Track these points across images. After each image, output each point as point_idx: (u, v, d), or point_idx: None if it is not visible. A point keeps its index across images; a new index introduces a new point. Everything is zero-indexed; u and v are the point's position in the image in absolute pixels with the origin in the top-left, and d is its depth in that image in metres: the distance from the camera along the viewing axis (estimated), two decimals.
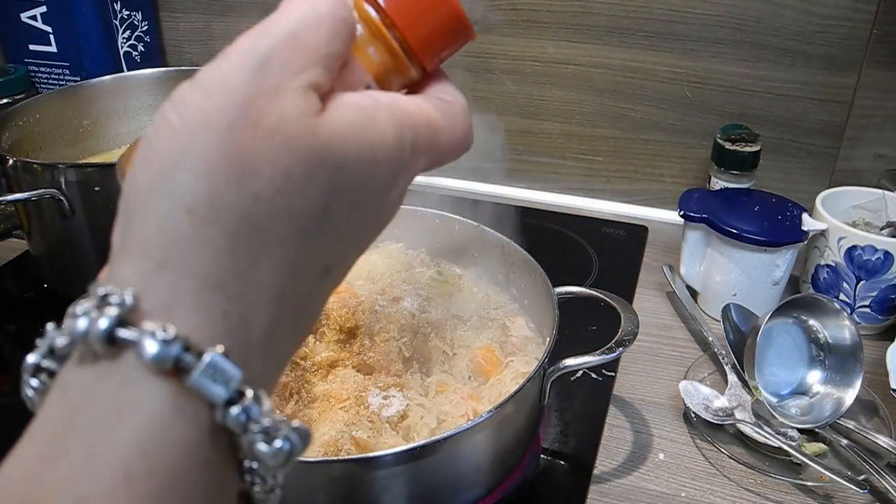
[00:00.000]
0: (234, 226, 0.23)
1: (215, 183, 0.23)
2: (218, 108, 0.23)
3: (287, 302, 0.25)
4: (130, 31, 1.11)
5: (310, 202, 0.24)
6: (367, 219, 0.27)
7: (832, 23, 0.86)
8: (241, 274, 0.23)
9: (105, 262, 0.28)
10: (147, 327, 0.22)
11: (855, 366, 0.65)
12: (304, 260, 0.25)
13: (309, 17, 0.25)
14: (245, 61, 0.24)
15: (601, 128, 1.01)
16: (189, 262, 0.23)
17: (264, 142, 0.23)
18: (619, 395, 0.70)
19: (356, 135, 0.25)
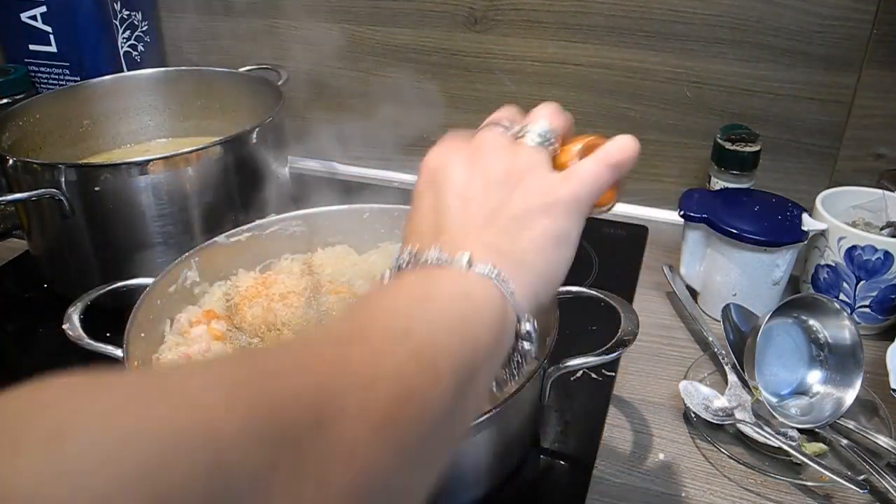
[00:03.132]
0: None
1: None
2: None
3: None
4: (130, 31, 1.11)
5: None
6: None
7: (832, 23, 0.86)
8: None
9: (104, 263, 0.34)
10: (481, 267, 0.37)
11: (855, 366, 0.65)
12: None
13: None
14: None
15: (601, 128, 1.00)
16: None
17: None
18: (619, 395, 0.70)
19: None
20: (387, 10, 1.04)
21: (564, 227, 0.40)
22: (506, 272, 0.37)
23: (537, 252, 0.39)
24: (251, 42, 1.13)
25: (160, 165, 0.76)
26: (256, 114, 0.95)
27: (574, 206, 0.41)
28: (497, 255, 0.38)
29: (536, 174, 0.41)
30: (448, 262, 0.37)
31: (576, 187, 0.41)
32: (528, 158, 0.42)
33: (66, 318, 0.61)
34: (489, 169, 0.41)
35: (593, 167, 0.42)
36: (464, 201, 0.40)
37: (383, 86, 1.09)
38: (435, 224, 0.40)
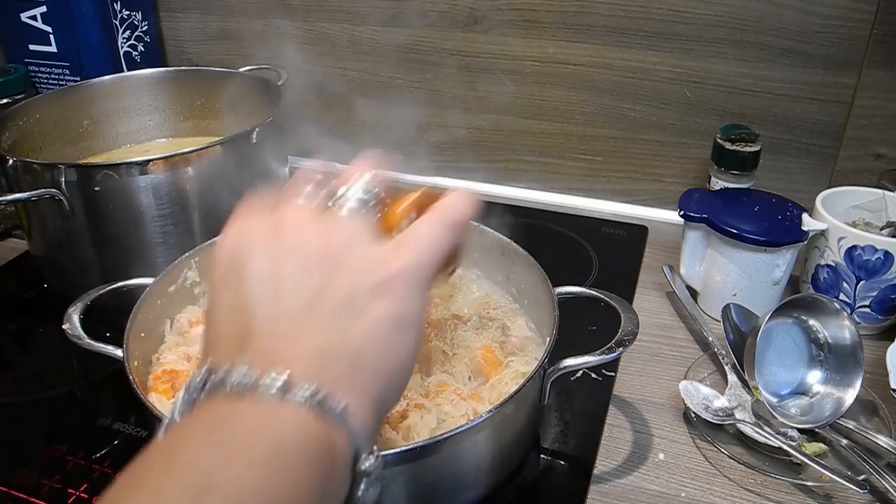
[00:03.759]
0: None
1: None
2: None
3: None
4: (130, 31, 1.11)
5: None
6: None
7: (832, 23, 0.86)
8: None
9: (104, 263, 0.32)
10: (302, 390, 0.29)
11: (855, 366, 0.65)
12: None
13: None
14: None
15: (601, 128, 1.01)
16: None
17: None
18: (619, 395, 0.70)
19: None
20: (387, 10, 1.04)
21: (404, 306, 0.33)
22: (336, 386, 0.30)
23: (374, 344, 0.32)
24: (251, 42, 1.13)
25: (160, 165, 0.76)
26: (256, 114, 0.95)
27: (414, 280, 0.34)
28: (322, 362, 0.30)
29: (360, 248, 0.34)
30: (257, 386, 0.29)
31: (413, 256, 0.34)
32: (346, 230, 0.35)
33: (66, 318, 0.61)
34: (300, 248, 0.34)
35: (431, 229, 0.35)
36: (273, 293, 0.32)
37: (383, 86, 1.09)
38: (240, 327, 0.32)
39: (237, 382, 0.29)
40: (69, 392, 0.72)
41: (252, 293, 0.33)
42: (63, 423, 0.68)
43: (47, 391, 0.72)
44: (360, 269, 0.33)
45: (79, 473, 0.61)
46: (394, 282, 0.33)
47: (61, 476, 0.61)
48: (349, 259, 0.33)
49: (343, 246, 0.34)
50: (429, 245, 0.35)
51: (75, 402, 0.71)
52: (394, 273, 0.33)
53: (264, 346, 0.31)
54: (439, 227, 0.36)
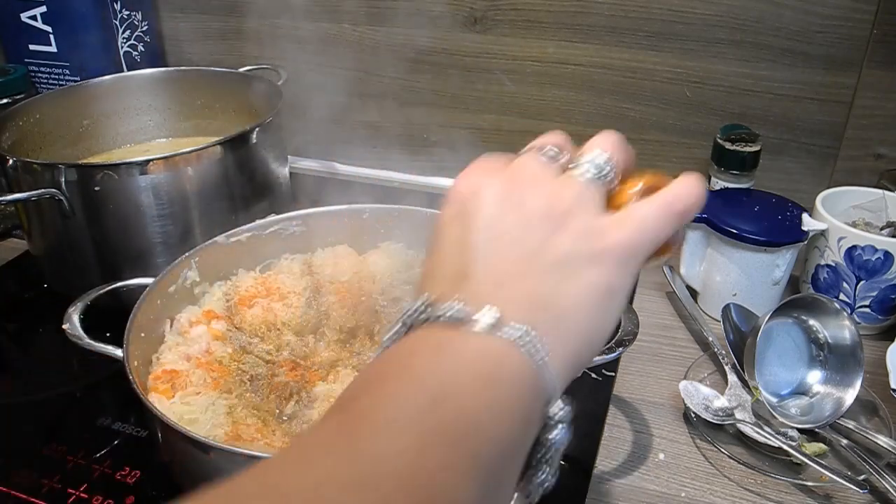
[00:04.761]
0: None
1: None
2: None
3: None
4: (130, 31, 1.11)
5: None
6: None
7: (832, 23, 0.86)
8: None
9: (104, 263, 0.33)
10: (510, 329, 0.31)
11: (855, 366, 0.65)
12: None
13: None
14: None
15: (601, 128, 1.00)
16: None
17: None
18: (619, 395, 0.70)
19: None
20: (387, 10, 1.04)
21: (615, 280, 0.34)
22: (542, 333, 0.31)
23: (581, 308, 0.33)
24: (251, 42, 1.13)
25: (160, 165, 0.76)
26: (256, 114, 0.95)
27: (628, 257, 0.34)
28: (533, 309, 0.32)
29: (586, 213, 0.35)
30: (471, 321, 0.31)
31: (633, 234, 0.34)
32: (577, 193, 0.35)
33: (66, 318, 0.61)
34: (529, 202, 0.35)
35: (655, 212, 0.35)
36: (496, 239, 0.34)
37: (383, 86, 1.09)
38: (459, 266, 0.34)
39: (452, 315, 0.31)
40: (69, 392, 0.72)
41: (476, 237, 0.34)
42: (63, 423, 0.68)
43: (47, 391, 0.72)
44: (580, 235, 0.34)
45: (79, 473, 0.61)
46: (609, 253, 0.34)
47: (61, 476, 0.61)
48: (573, 222, 0.34)
49: (570, 209, 0.35)
50: (648, 226, 0.35)
51: (75, 402, 0.71)
52: (611, 245, 0.34)
53: (479, 287, 0.32)
54: (662, 212, 0.35)
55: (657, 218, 0.35)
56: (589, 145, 0.39)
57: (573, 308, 0.33)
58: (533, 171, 0.37)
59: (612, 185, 0.37)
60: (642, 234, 0.35)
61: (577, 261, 0.33)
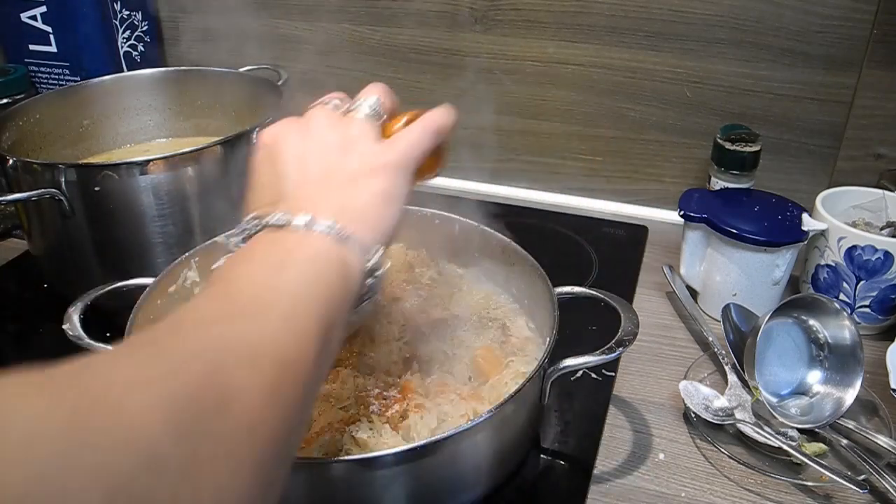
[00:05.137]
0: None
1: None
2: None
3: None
4: (130, 31, 1.11)
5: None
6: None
7: (832, 23, 0.86)
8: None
9: (104, 263, 0.39)
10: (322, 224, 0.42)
11: (855, 366, 0.65)
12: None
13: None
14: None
15: (601, 128, 1.01)
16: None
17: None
18: (619, 395, 0.70)
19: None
20: (387, 10, 1.04)
21: (393, 186, 0.45)
22: (347, 225, 0.42)
23: (370, 207, 0.44)
24: (251, 42, 1.13)
25: (160, 165, 0.76)
26: (256, 114, 0.95)
27: (401, 168, 0.46)
28: (336, 210, 0.42)
29: (366, 141, 0.46)
30: (292, 224, 0.41)
31: (401, 150, 0.46)
32: (358, 128, 0.47)
33: (66, 318, 0.61)
34: (323, 138, 0.46)
35: (415, 133, 0.48)
36: (301, 167, 0.45)
37: None
38: (276, 191, 0.44)
39: (276, 221, 0.41)
40: None
41: (284, 168, 0.45)
42: None
43: None
44: (364, 156, 0.45)
45: None
46: (387, 167, 0.45)
47: None
48: (357, 148, 0.46)
49: (354, 138, 0.46)
50: (414, 143, 0.47)
51: None
52: (387, 161, 0.46)
53: (294, 202, 0.43)
54: (422, 132, 0.48)
55: (420, 135, 0.47)
56: (363, 93, 0.50)
57: (364, 207, 0.44)
58: (322, 117, 0.48)
59: (382, 119, 0.49)
60: (410, 149, 0.47)
61: (363, 174, 0.45)
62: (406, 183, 0.46)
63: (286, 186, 0.44)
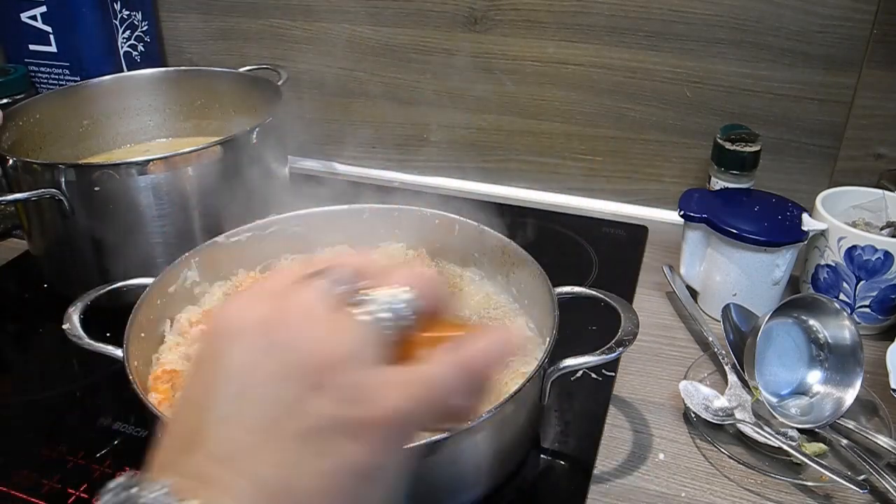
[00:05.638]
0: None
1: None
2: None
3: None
4: (130, 31, 1.11)
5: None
6: None
7: (832, 23, 0.86)
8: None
9: (104, 263, 0.31)
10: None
11: (855, 366, 0.65)
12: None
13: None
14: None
15: (601, 128, 1.01)
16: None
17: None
18: (619, 395, 0.70)
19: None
20: (387, 10, 1.04)
21: (377, 459, 0.28)
22: None
23: (325, 493, 0.27)
24: (251, 42, 1.13)
25: (160, 165, 0.76)
26: (256, 114, 0.95)
27: (400, 430, 0.28)
28: (264, 496, 0.26)
29: (357, 369, 0.28)
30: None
31: (409, 401, 0.28)
32: (352, 339, 0.29)
33: (66, 318, 0.61)
34: (290, 349, 0.28)
35: (446, 373, 0.29)
36: (240, 396, 0.28)
37: (383, 86, 1.09)
38: (194, 429, 0.28)
39: (151, 501, 0.26)
40: (69, 392, 0.72)
41: (218, 391, 0.28)
42: (63, 423, 0.68)
43: (47, 391, 0.72)
44: (342, 396, 0.27)
45: (79, 473, 0.61)
46: (375, 428, 0.27)
47: (61, 476, 0.61)
48: (338, 379, 0.28)
49: (338, 359, 0.28)
50: (435, 392, 0.29)
51: (75, 402, 0.71)
52: (379, 416, 0.27)
53: (205, 462, 0.27)
54: (457, 374, 0.29)
55: (447, 380, 0.29)
56: (398, 275, 0.31)
57: (317, 494, 0.27)
58: (305, 306, 0.29)
59: (404, 330, 0.30)
60: (423, 401, 0.28)
61: (330, 431, 0.27)
62: (401, 453, 0.29)
63: (208, 427, 0.28)
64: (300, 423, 0.27)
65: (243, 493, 0.26)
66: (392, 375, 0.28)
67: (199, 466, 0.27)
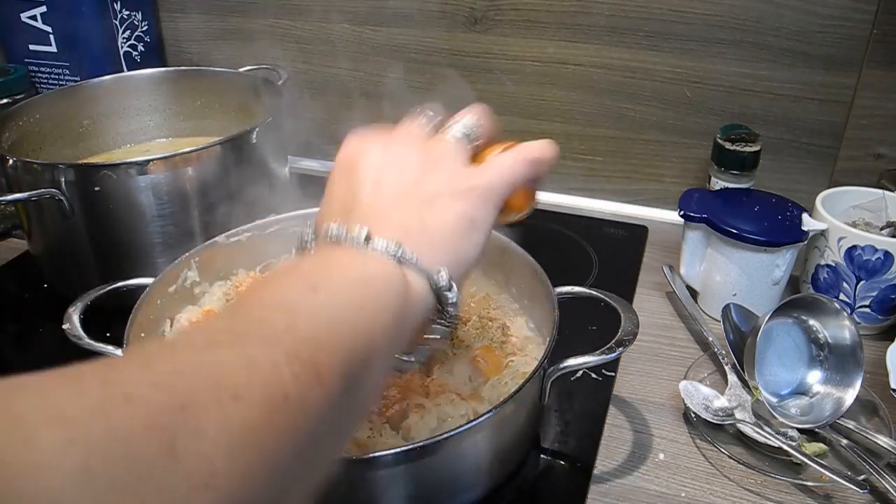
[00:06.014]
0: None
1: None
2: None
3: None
4: (130, 31, 1.11)
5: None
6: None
7: (832, 23, 0.86)
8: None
9: (104, 263, 0.35)
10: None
11: (855, 366, 0.65)
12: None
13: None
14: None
15: (601, 128, 1.01)
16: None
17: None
18: (619, 395, 0.70)
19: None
20: (387, 10, 1.04)
21: (477, 212, 0.41)
22: (411, 247, 0.37)
23: (448, 232, 0.40)
24: (251, 42, 1.13)
25: (160, 165, 0.76)
26: (256, 114, 0.95)
27: (488, 195, 0.41)
28: (403, 231, 0.38)
29: (452, 163, 0.42)
30: (346, 238, 0.37)
31: (491, 176, 0.42)
32: (445, 149, 0.43)
33: (66, 318, 0.61)
34: (405, 155, 0.42)
35: (510, 160, 0.43)
36: (376, 183, 0.41)
37: (383, 86, 1.09)
38: (345, 205, 0.41)
39: (332, 234, 0.38)
40: None
41: (360, 182, 0.41)
42: None
43: None
44: (449, 177, 0.41)
45: None
46: (473, 192, 0.41)
47: None
48: (441, 168, 0.41)
49: (440, 159, 0.42)
50: (506, 171, 0.42)
51: None
52: (474, 185, 0.41)
53: (358, 216, 0.39)
54: (517, 160, 0.43)
55: (514, 164, 0.43)
56: (462, 112, 0.46)
57: (440, 231, 0.39)
58: (409, 133, 0.44)
59: (477, 144, 0.44)
60: (501, 176, 0.42)
61: (444, 196, 0.40)
62: (493, 211, 0.42)
63: (357, 201, 0.40)
64: (422, 193, 0.40)
65: (390, 226, 0.38)
66: (478, 166, 0.43)
67: (357, 218, 0.39)
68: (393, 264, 0.37)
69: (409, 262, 0.37)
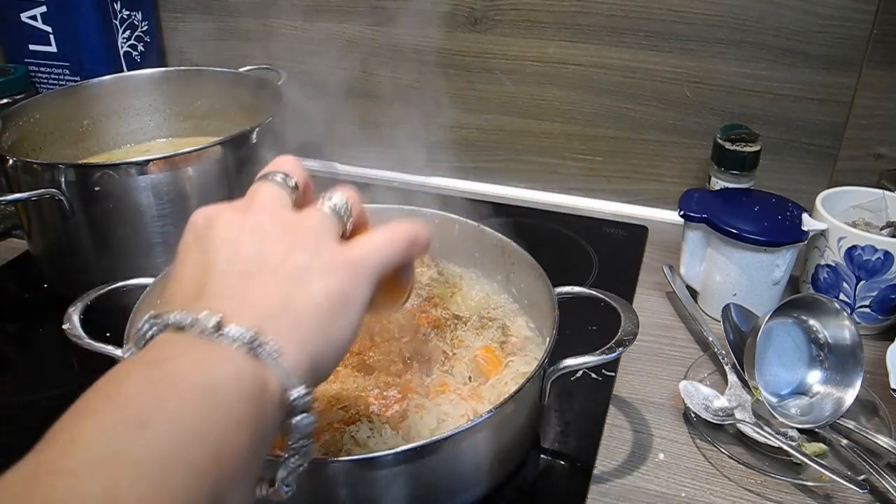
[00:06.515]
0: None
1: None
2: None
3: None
4: (130, 31, 1.11)
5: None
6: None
7: (832, 23, 0.86)
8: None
9: (104, 263, 0.33)
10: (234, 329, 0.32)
11: (855, 366, 0.65)
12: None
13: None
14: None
15: (601, 128, 1.01)
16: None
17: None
18: (619, 395, 0.70)
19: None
20: (387, 10, 1.04)
21: (350, 288, 0.36)
22: (273, 333, 0.32)
23: (316, 311, 0.34)
24: (251, 42, 1.13)
25: (160, 165, 0.76)
26: (256, 114, 0.95)
27: (362, 269, 0.37)
28: (263, 314, 0.33)
29: (321, 236, 0.37)
30: (192, 326, 0.31)
31: (365, 250, 0.38)
32: (313, 221, 0.38)
33: (66, 318, 0.61)
34: (267, 225, 0.37)
35: (384, 237, 0.39)
36: (230, 257, 0.35)
37: (383, 86, 1.09)
38: (196, 285, 0.35)
39: (174, 321, 0.32)
40: (69, 392, 0.72)
41: (212, 257, 0.35)
42: None
43: (47, 391, 0.72)
44: (316, 251, 0.36)
45: None
46: (344, 266, 0.36)
47: None
48: (309, 241, 0.36)
49: (305, 231, 0.37)
50: (380, 245, 0.38)
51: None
52: (346, 258, 0.37)
53: (210, 301, 0.33)
54: (392, 238, 0.39)
55: (386, 242, 0.39)
56: (331, 191, 0.42)
57: (307, 312, 0.34)
58: (268, 193, 0.39)
59: (347, 223, 0.40)
60: (376, 249, 0.38)
61: (312, 271, 0.35)
62: (367, 288, 0.37)
63: (208, 281, 0.34)
64: (287, 268, 0.35)
65: (242, 314, 0.32)
66: (349, 242, 0.38)
67: (208, 304, 0.33)
68: (247, 359, 0.31)
69: (268, 357, 0.32)
